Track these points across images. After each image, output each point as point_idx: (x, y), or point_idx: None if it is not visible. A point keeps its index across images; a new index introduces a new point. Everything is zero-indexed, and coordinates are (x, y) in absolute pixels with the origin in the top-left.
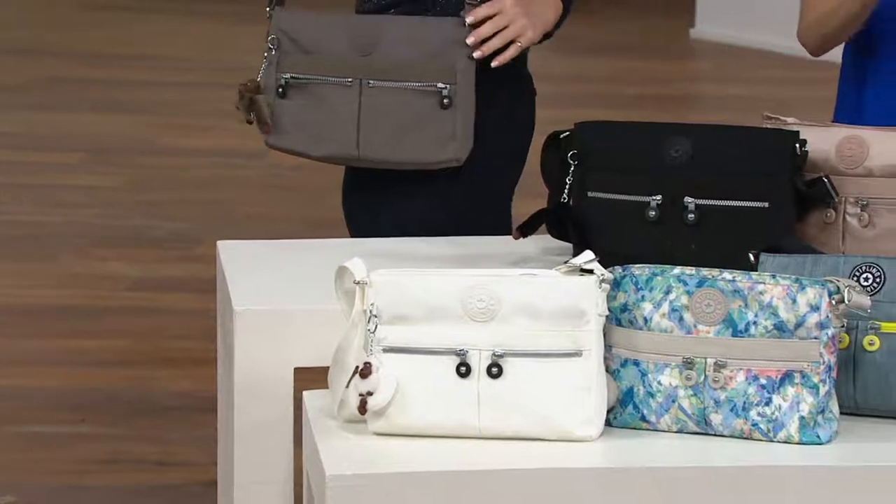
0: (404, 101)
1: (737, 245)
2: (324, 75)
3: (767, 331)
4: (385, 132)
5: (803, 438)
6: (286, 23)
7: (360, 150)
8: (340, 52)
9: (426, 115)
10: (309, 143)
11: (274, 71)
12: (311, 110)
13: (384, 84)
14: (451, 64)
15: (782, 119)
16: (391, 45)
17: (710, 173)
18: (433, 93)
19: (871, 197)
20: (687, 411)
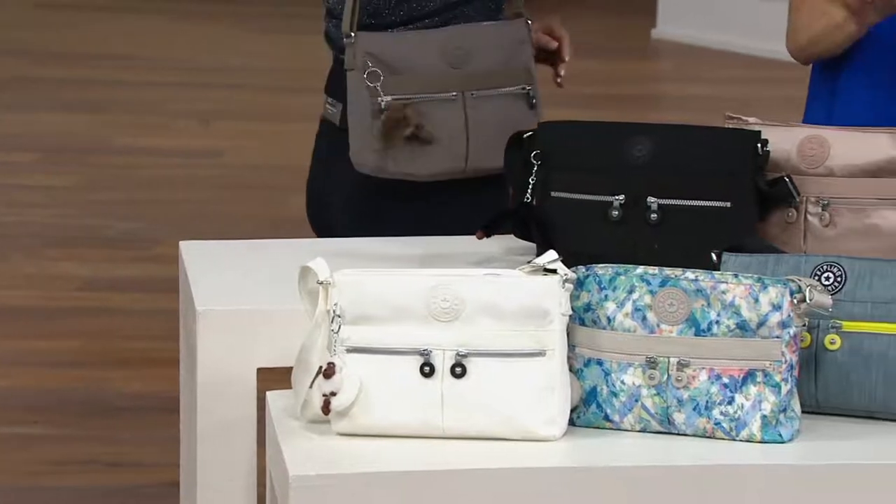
0: (503, 107)
1: (699, 244)
2: (425, 93)
3: (730, 330)
4: (492, 140)
5: (765, 437)
6: (371, 45)
7: (468, 162)
8: (436, 67)
9: (520, 117)
10: (412, 163)
11: (368, 95)
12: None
13: (485, 93)
14: (525, 65)
15: (744, 119)
16: (479, 53)
17: (673, 173)
18: (523, 95)
19: (833, 197)
20: (650, 410)
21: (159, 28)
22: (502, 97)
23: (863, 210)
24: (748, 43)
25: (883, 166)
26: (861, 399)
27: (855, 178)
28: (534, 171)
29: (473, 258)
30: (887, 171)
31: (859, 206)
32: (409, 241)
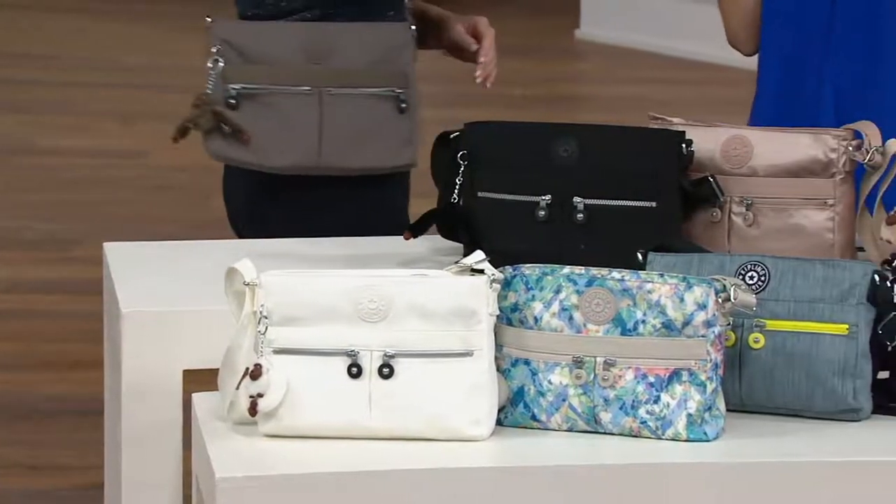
0: (364, 108)
1: (625, 244)
2: (279, 84)
3: (656, 329)
4: (347, 139)
5: (690, 436)
6: (228, 32)
7: (321, 158)
8: (294, 60)
9: (385, 120)
10: (262, 153)
11: (221, 82)
12: (267, 120)
13: (344, 91)
14: (402, 69)
15: (668, 119)
16: (344, 51)
17: (599, 173)
18: (391, 98)
19: (756, 196)
20: (577, 410)
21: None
22: (365, 97)
23: (786, 210)
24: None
25: (805, 166)
26: (784, 397)
27: (778, 178)
28: (460, 171)
29: (400, 259)
30: (809, 171)
31: (782, 205)
32: (335, 241)
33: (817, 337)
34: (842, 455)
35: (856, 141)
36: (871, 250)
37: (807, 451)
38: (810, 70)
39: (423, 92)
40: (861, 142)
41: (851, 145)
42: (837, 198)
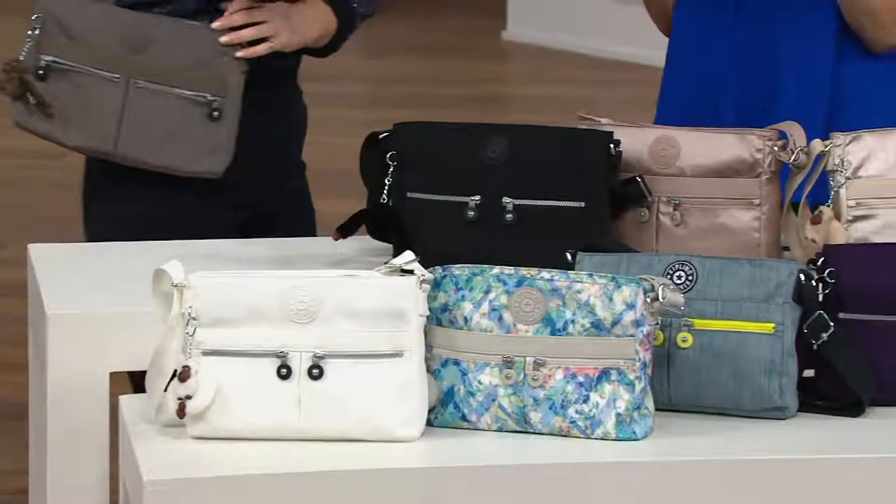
0: (172, 107)
1: (554, 244)
2: (90, 66)
3: (585, 329)
4: (148, 134)
5: (620, 435)
6: (54, 3)
7: (117, 146)
8: (110, 46)
9: (192, 124)
10: (63, 130)
11: (35, 51)
12: (70, 98)
13: (153, 87)
14: (222, 76)
15: (596, 119)
16: (164, 47)
17: (527, 174)
18: (203, 103)
19: (683, 196)
20: (507, 410)
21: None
22: (174, 97)
23: (712, 209)
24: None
25: (732, 166)
26: (712, 396)
27: (705, 178)
28: (390, 171)
29: (330, 259)
30: (736, 171)
31: (709, 205)
32: (264, 242)
33: (744, 336)
34: (768, 453)
35: (781, 141)
36: (796, 250)
37: (734, 449)
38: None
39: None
40: (786, 142)
41: (777, 145)
42: (763, 198)
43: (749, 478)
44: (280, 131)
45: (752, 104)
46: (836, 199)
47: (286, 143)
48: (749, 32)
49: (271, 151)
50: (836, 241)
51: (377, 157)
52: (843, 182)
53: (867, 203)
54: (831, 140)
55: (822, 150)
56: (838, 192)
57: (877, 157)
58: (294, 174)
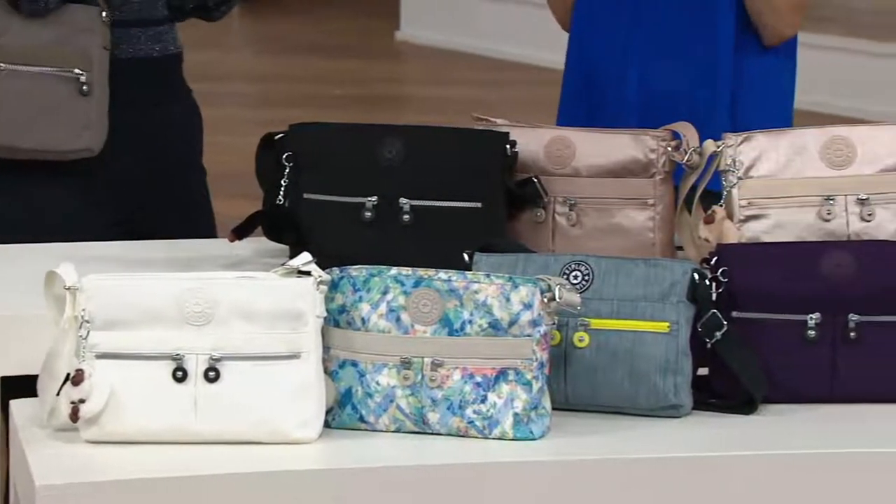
0: (40, 87)
1: (452, 245)
2: None
3: (482, 329)
4: (19, 116)
5: (517, 435)
6: None
7: None
8: None
9: (62, 101)
10: None
11: None
12: None
13: (19, 68)
14: (85, 50)
15: (492, 120)
16: (23, 27)
17: (424, 174)
18: (70, 79)
19: (579, 197)
20: (405, 411)
21: None
22: (42, 76)
23: (608, 210)
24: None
25: (626, 166)
26: (609, 395)
27: (600, 179)
28: (286, 172)
29: (226, 261)
30: (630, 171)
31: (604, 205)
32: (158, 244)
33: (640, 335)
34: (664, 451)
35: (674, 142)
36: (689, 249)
37: (630, 447)
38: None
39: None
40: (680, 142)
41: (670, 146)
42: (658, 198)
43: (644, 476)
44: (155, 129)
45: (654, 102)
46: (729, 199)
47: (166, 142)
48: (648, 29)
49: (146, 149)
50: (729, 240)
51: (273, 158)
52: (735, 182)
53: (759, 203)
54: (723, 141)
55: (715, 150)
56: (730, 192)
57: (768, 158)
58: (180, 174)
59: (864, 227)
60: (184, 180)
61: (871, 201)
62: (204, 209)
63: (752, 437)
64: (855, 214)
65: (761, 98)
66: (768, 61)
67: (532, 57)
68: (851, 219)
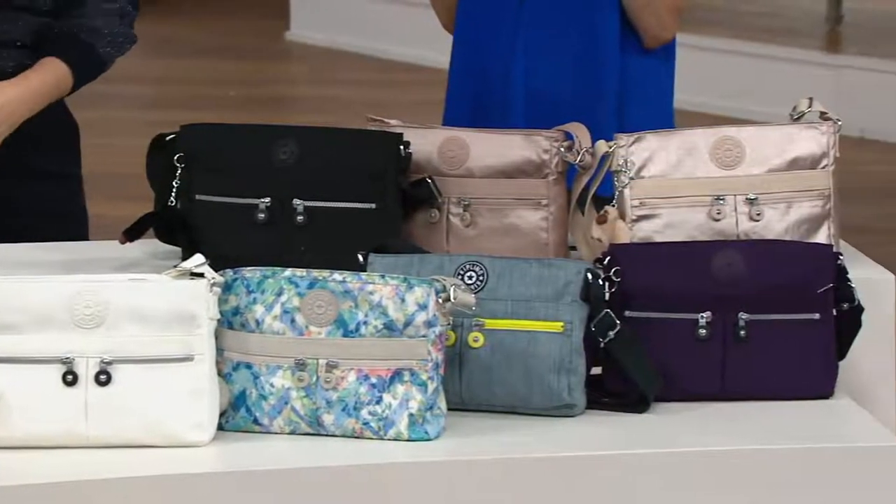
0: None
1: (346, 246)
2: None
3: (377, 330)
4: None
5: (412, 435)
6: None
7: None
8: None
9: None
10: None
11: None
12: None
13: None
14: None
15: (386, 121)
16: None
17: (318, 175)
18: None
19: (473, 197)
20: (299, 412)
21: None
22: None
23: (501, 210)
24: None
25: (519, 167)
26: (503, 395)
27: (493, 179)
28: (177, 174)
29: (117, 263)
30: (523, 172)
31: (498, 206)
32: (48, 246)
33: (534, 335)
34: (558, 450)
35: (567, 142)
36: (582, 249)
37: (525, 447)
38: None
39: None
40: (572, 143)
41: (563, 146)
42: (551, 198)
43: (539, 475)
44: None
45: (539, 102)
46: (621, 199)
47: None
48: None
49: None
50: (621, 240)
51: (164, 160)
52: (627, 182)
53: (650, 203)
54: (615, 141)
55: (607, 150)
56: (622, 192)
57: (659, 158)
58: (30, 182)
59: (752, 226)
60: (33, 189)
61: (760, 201)
62: (78, 218)
63: (645, 435)
64: (744, 214)
65: (645, 98)
66: (650, 62)
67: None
68: (741, 218)
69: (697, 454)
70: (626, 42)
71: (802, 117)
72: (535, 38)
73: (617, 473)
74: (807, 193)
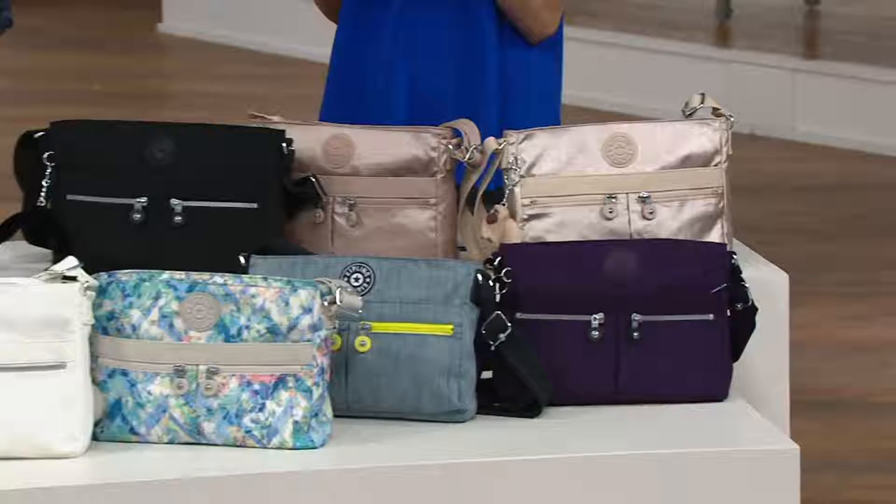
0: None
1: (227, 247)
2: None
3: (260, 335)
4: None
5: (297, 444)
6: None
7: None
8: None
9: None
10: None
11: None
12: None
13: None
14: None
15: (267, 117)
16: None
17: (197, 174)
18: None
19: (358, 196)
20: (178, 421)
21: None
22: None
23: (388, 209)
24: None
25: (407, 165)
26: (391, 400)
27: (380, 178)
28: (47, 173)
29: None
30: (411, 170)
31: (385, 205)
32: None
33: (423, 338)
34: (448, 457)
35: (456, 139)
36: (472, 249)
37: (414, 454)
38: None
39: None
40: (461, 140)
41: (451, 143)
42: (439, 197)
43: (428, 482)
44: None
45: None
46: (511, 198)
47: None
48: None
49: None
50: (512, 240)
51: (33, 158)
52: (518, 180)
53: (541, 201)
54: (505, 138)
55: (497, 148)
56: (513, 190)
57: (550, 156)
58: None
59: (645, 225)
60: None
61: (653, 199)
62: None
63: (537, 440)
64: (637, 213)
65: (528, 93)
66: (533, 55)
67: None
68: (633, 217)
69: (589, 459)
70: (507, 35)
71: (695, 113)
72: (415, 32)
73: (507, 480)
74: (700, 191)
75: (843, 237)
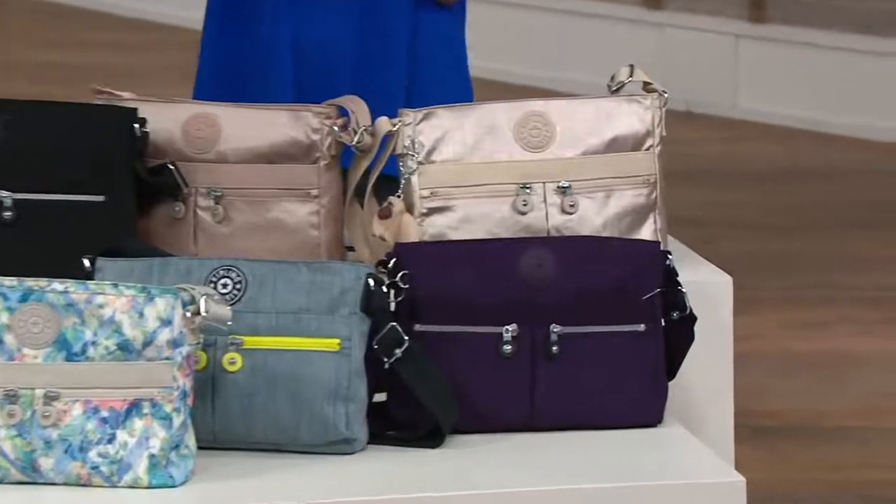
0: None
1: (68, 248)
2: None
3: (110, 352)
4: None
5: (153, 481)
6: None
7: None
8: None
9: None
10: None
11: None
12: None
13: None
14: None
15: (116, 93)
16: None
17: (30, 161)
18: None
19: (226, 187)
20: (9, 456)
21: None
22: None
23: (263, 203)
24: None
25: (283, 150)
26: (266, 429)
27: (252, 165)
28: None
29: None
30: (289, 156)
31: (258, 197)
32: None
33: (303, 354)
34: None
35: (341, 119)
36: (362, 249)
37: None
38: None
39: None
40: (347, 120)
41: (336, 124)
42: (322, 187)
43: None
44: None
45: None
46: (408, 189)
47: None
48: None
49: None
50: (409, 238)
51: None
52: (415, 168)
53: (443, 193)
54: (400, 118)
55: (391, 129)
56: (409, 179)
57: (453, 139)
58: None
59: (565, 220)
60: None
61: (574, 190)
62: None
63: (439, 473)
64: (555, 206)
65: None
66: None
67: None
68: (551, 211)
69: (499, 496)
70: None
71: (622, 88)
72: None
73: None
74: (629, 180)
75: (794, 232)
